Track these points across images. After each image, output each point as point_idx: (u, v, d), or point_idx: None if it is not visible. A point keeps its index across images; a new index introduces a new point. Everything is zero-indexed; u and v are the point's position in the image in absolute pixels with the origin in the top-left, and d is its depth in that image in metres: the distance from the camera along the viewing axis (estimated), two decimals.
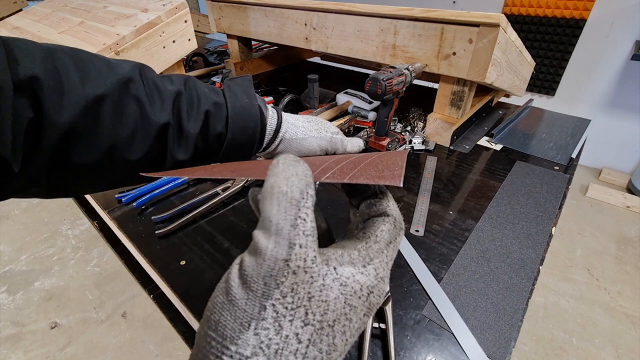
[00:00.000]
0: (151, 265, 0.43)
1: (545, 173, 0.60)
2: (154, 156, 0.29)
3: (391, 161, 0.24)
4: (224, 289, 0.16)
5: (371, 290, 0.18)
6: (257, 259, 0.15)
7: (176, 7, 0.83)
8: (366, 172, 0.20)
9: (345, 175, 0.19)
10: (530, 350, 1.15)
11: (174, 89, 0.29)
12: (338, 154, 0.40)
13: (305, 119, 0.39)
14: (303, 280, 0.15)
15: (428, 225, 0.48)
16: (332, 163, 0.26)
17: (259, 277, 0.15)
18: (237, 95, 0.34)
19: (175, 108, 0.29)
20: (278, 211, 0.15)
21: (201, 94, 0.31)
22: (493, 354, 0.33)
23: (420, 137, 0.68)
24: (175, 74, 0.32)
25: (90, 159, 0.25)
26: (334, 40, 0.77)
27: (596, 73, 1.87)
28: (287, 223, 0.15)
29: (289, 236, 0.15)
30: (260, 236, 0.15)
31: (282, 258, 0.15)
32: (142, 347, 1.19)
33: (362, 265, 0.18)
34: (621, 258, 1.49)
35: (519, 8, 1.92)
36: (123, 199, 0.52)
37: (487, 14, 0.54)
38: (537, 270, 0.41)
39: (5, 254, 1.56)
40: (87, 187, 0.29)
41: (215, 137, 0.32)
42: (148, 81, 0.28)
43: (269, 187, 0.16)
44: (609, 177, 1.98)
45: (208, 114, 0.31)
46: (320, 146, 0.38)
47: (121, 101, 0.26)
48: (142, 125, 0.27)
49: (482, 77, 0.59)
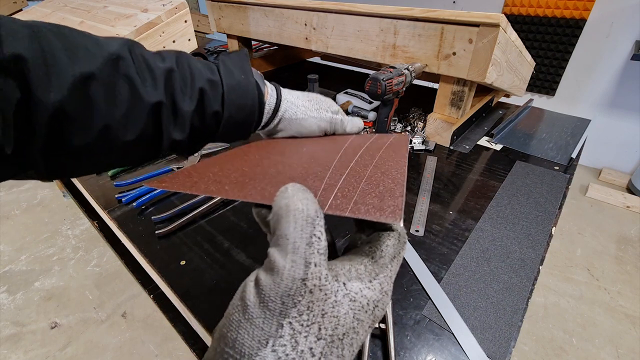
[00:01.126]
0: (151, 265, 0.43)
1: (545, 173, 0.60)
2: (150, 136, 0.28)
3: (392, 175, 0.24)
4: (240, 307, 0.16)
5: (376, 304, 0.18)
6: (274, 278, 0.15)
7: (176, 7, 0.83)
8: (368, 196, 0.21)
9: (347, 204, 0.20)
10: (530, 350, 1.15)
11: (165, 66, 0.28)
12: (338, 134, 0.40)
13: (305, 97, 0.38)
14: (318, 298, 0.16)
15: (428, 225, 0.48)
16: (334, 168, 0.26)
17: (276, 296, 0.15)
18: (233, 72, 0.32)
19: (167, 86, 0.28)
20: (295, 229, 0.16)
21: (195, 70, 0.30)
22: (493, 354, 0.33)
23: (420, 137, 0.68)
24: (167, 50, 0.31)
25: (84, 140, 0.24)
26: (334, 40, 0.77)
27: (596, 73, 1.87)
28: (304, 242, 0.16)
29: (305, 255, 0.16)
30: (277, 255, 0.16)
31: (300, 277, 0.15)
32: (142, 347, 1.19)
33: (368, 280, 0.18)
34: (621, 258, 1.49)
35: (519, 8, 1.92)
36: (123, 199, 0.52)
37: (487, 14, 0.54)
38: (537, 270, 0.41)
39: (5, 254, 1.56)
40: (85, 169, 0.28)
41: (211, 116, 0.31)
42: (138, 58, 0.27)
43: (284, 206, 0.16)
44: (609, 177, 1.98)
45: (203, 91, 0.30)
46: (320, 127, 0.38)
47: (111, 80, 0.25)
48: (135, 104, 0.26)
49: (482, 77, 0.59)
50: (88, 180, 0.59)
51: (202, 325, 0.36)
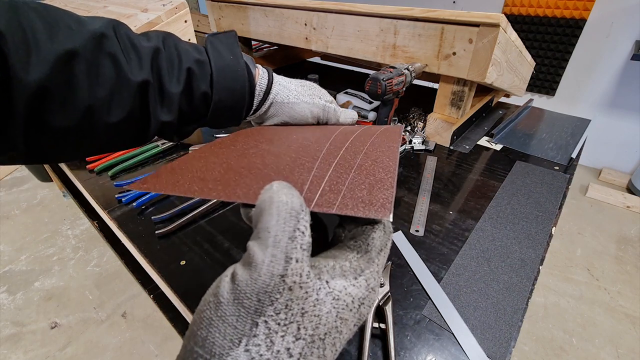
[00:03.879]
0: (151, 265, 0.43)
1: (545, 173, 0.60)
2: (137, 118, 0.28)
3: (384, 163, 0.23)
4: (212, 303, 0.15)
5: (362, 301, 0.17)
6: (251, 273, 0.14)
7: (176, 7, 0.83)
8: (356, 189, 0.20)
9: (334, 199, 0.19)
10: (530, 350, 1.15)
11: (151, 46, 0.27)
12: (330, 123, 0.38)
13: (298, 83, 0.37)
14: (298, 296, 0.15)
15: (428, 225, 0.48)
16: (323, 157, 0.25)
17: (252, 292, 0.14)
18: (221, 53, 0.31)
19: (154, 66, 0.27)
20: (277, 222, 0.15)
21: (182, 51, 0.29)
22: (493, 354, 0.33)
23: (420, 137, 0.68)
24: (153, 31, 0.30)
25: (67, 121, 0.23)
26: (334, 40, 0.77)
27: (596, 73, 1.87)
28: (286, 235, 0.15)
29: (286, 249, 0.15)
30: (256, 248, 0.15)
31: (279, 273, 0.14)
32: (142, 347, 1.19)
33: (353, 277, 0.17)
34: (621, 258, 1.49)
35: (519, 8, 1.92)
36: (123, 199, 0.52)
37: (487, 14, 0.54)
38: (537, 270, 0.41)
39: (5, 254, 1.56)
40: (69, 153, 0.27)
41: (200, 98, 0.31)
42: (123, 38, 0.26)
43: (268, 199, 0.15)
44: (609, 177, 1.98)
45: (190, 72, 0.29)
46: (313, 113, 0.37)
47: (94, 58, 0.24)
48: (120, 84, 0.25)
49: (482, 77, 0.59)
50: (88, 180, 0.59)
51: None
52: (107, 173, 0.60)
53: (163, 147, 0.66)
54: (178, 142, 0.69)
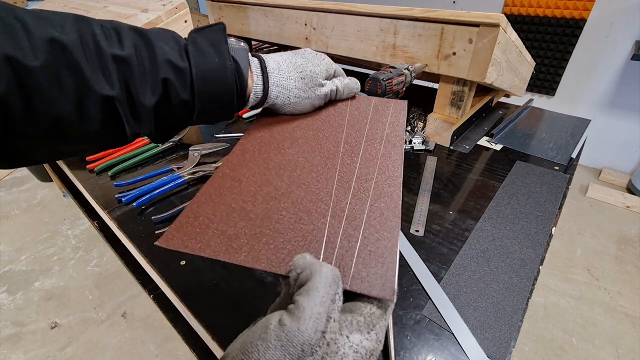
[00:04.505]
0: (151, 265, 0.43)
1: (545, 173, 0.60)
2: (112, 129, 0.26)
3: (388, 224, 0.25)
4: (260, 346, 0.16)
5: (372, 353, 0.19)
6: (299, 325, 0.16)
7: (176, 7, 0.83)
8: (360, 265, 0.22)
9: (346, 279, 0.21)
10: (530, 350, 1.15)
11: (120, 55, 0.24)
12: (333, 100, 0.40)
13: (297, 73, 0.33)
14: (331, 351, 0.17)
15: (428, 225, 0.48)
16: (332, 215, 0.27)
17: (298, 342, 0.16)
18: (205, 55, 0.28)
19: (122, 80, 0.25)
20: (325, 284, 0.18)
21: (159, 56, 0.26)
22: (493, 354, 0.33)
23: (420, 137, 0.68)
24: (128, 28, 0.26)
25: (35, 131, 0.22)
26: (334, 40, 0.77)
27: (596, 73, 1.87)
28: (329, 298, 0.17)
29: (329, 309, 0.17)
30: (305, 303, 0.17)
31: (321, 329, 0.17)
32: (142, 347, 1.19)
33: (367, 331, 0.19)
34: (621, 258, 1.49)
35: (519, 8, 1.92)
36: (123, 199, 0.52)
37: (487, 14, 0.54)
38: (537, 270, 0.41)
39: (5, 254, 1.56)
40: (48, 156, 0.26)
41: (180, 106, 0.28)
42: (88, 45, 0.23)
43: (317, 264, 0.19)
44: (609, 177, 1.98)
45: (167, 82, 0.26)
46: (314, 105, 0.36)
47: (55, 70, 0.22)
48: (86, 96, 0.23)
49: (482, 77, 0.59)
50: (88, 180, 0.59)
51: (202, 325, 0.36)
52: (107, 173, 0.60)
53: (163, 147, 0.67)
54: (178, 142, 0.69)
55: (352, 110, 0.39)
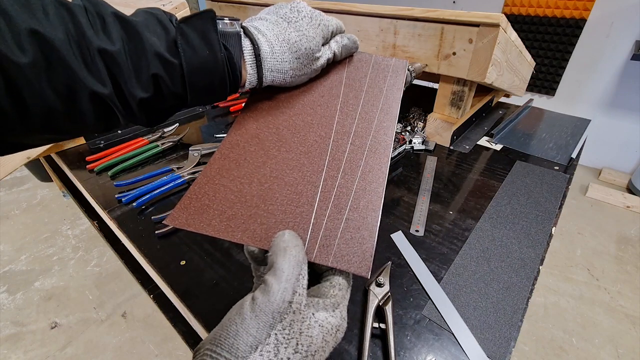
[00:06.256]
0: (151, 265, 0.43)
1: (545, 173, 0.60)
2: (105, 119, 0.26)
3: (371, 204, 0.28)
4: (238, 318, 0.20)
5: (338, 328, 0.23)
6: (269, 297, 0.20)
7: (176, 7, 0.83)
8: (343, 245, 0.25)
9: (327, 256, 0.25)
10: (530, 350, 1.15)
11: (109, 50, 0.24)
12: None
13: (292, 56, 0.32)
14: (298, 319, 0.21)
15: (428, 225, 0.48)
16: (320, 199, 0.28)
17: (268, 311, 0.20)
18: (195, 47, 0.27)
19: (111, 76, 0.25)
20: (289, 266, 0.21)
21: (148, 51, 0.25)
22: (493, 354, 0.33)
23: (420, 137, 0.68)
24: (113, 18, 0.25)
25: (28, 125, 0.23)
26: None
27: (596, 73, 1.87)
28: (294, 277, 0.21)
29: (294, 285, 0.21)
30: (273, 281, 0.20)
31: (288, 300, 0.20)
32: (142, 347, 1.19)
33: (332, 310, 0.23)
34: (621, 258, 1.49)
35: (519, 8, 1.92)
36: (123, 199, 0.52)
37: (487, 14, 0.54)
38: (537, 270, 0.41)
39: (5, 254, 1.56)
40: (42, 143, 0.27)
41: (172, 97, 0.28)
42: (74, 38, 0.23)
43: (283, 249, 0.22)
44: (609, 177, 1.98)
45: (157, 77, 0.26)
46: (310, 77, 0.37)
47: (44, 67, 0.22)
48: (77, 90, 0.23)
49: (482, 77, 0.58)
50: (88, 180, 0.60)
51: (202, 325, 0.36)
52: (107, 173, 0.60)
53: (163, 147, 0.67)
54: (178, 142, 0.69)
55: (350, 72, 0.39)
